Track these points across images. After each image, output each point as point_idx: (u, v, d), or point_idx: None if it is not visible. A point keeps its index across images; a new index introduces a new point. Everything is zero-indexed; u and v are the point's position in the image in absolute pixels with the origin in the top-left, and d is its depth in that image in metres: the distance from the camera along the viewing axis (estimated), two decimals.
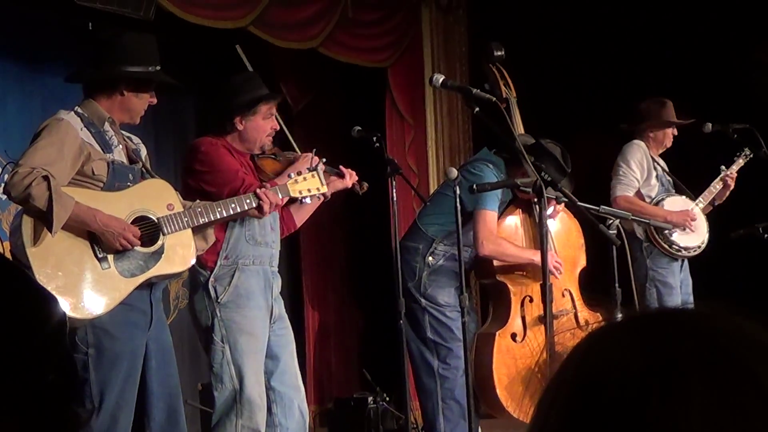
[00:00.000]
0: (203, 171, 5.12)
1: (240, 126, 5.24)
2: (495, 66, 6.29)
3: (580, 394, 0.95)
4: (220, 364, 5.12)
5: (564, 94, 8.57)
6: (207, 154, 5.15)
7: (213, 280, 5.14)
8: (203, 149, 5.18)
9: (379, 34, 8.48)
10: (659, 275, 7.13)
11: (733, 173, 7.39)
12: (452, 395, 5.88)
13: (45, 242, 4.28)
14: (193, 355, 7.82)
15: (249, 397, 5.09)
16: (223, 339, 5.12)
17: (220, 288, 5.14)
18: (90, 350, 4.39)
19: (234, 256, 5.18)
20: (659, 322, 0.99)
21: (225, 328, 5.12)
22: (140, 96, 4.62)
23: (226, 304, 5.14)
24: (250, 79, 5.36)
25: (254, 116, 5.25)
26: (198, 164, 5.15)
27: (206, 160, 5.14)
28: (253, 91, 5.26)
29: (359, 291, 8.89)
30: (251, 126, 5.25)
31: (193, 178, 5.15)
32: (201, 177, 5.11)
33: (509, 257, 6.03)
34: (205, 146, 5.19)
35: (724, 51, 8.39)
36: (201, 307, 5.18)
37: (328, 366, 8.71)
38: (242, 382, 5.09)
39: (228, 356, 5.11)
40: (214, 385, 5.16)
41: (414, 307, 5.93)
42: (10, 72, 6.74)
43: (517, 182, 5.51)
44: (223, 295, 5.13)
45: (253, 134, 5.27)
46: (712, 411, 0.90)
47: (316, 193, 5.09)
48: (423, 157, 8.86)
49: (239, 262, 5.18)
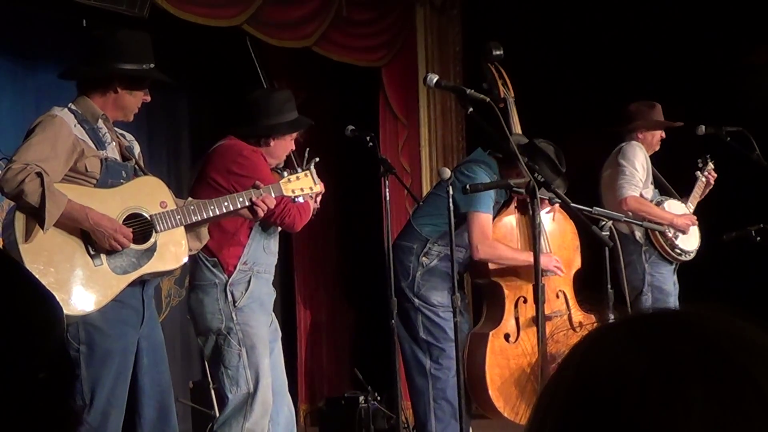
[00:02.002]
0: (242, 175, 5.17)
1: (272, 143, 5.36)
2: (493, 65, 6.28)
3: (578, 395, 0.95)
4: (237, 367, 5.16)
5: (556, 95, 8.57)
6: (249, 159, 5.23)
7: (231, 284, 5.20)
8: (245, 154, 5.25)
9: (373, 33, 8.49)
10: (656, 281, 7.11)
11: (711, 171, 7.39)
12: (444, 395, 5.89)
13: (37, 238, 4.27)
14: (185, 352, 7.83)
15: (263, 399, 5.16)
16: (240, 343, 5.17)
17: (237, 293, 5.21)
18: (81, 347, 4.38)
19: (251, 262, 5.27)
20: (659, 324, 0.99)
21: (242, 332, 5.18)
22: (134, 93, 4.62)
23: (242, 308, 5.20)
24: (289, 100, 5.49)
25: (285, 136, 5.40)
26: (238, 167, 5.21)
27: (248, 165, 5.21)
28: (291, 112, 5.42)
29: (351, 290, 8.90)
30: (281, 144, 5.40)
31: (228, 179, 5.19)
32: (239, 180, 5.14)
33: (505, 260, 6.02)
34: (247, 152, 5.27)
35: (716, 54, 8.40)
36: (213, 309, 5.22)
37: (320, 365, 8.71)
38: (257, 385, 5.15)
39: (245, 360, 5.16)
40: (228, 388, 5.18)
41: (407, 307, 5.93)
42: (3, 68, 6.74)
43: (510, 183, 5.51)
44: (241, 300, 5.20)
45: (279, 152, 5.41)
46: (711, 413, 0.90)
47: (309, 192, 5.10)
48: (416, 157, 8.87)
49: (254, 269, 5.28)
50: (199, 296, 5.28)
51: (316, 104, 8.59)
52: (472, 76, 7.32)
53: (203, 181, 5.26)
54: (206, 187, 5.16)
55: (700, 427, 0.90)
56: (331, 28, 7.94)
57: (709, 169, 7.40)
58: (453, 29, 9.18)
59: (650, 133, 7.30)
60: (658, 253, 7.12)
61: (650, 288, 7.09)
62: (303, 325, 8.57)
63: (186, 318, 7.52)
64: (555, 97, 8.50)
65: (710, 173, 7.40)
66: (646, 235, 7.11)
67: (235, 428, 5.14)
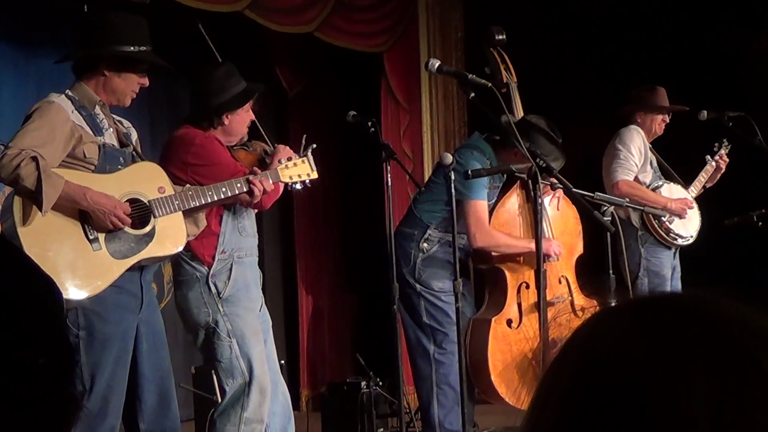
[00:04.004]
0: (199, 164, 5.06)
1: (226, 121, 5.20)
2: (496, 50, 6.26)
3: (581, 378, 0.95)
4: (229, 359, 5.11)
5: (559, 80, 8.56)
6: (203, 147, 5.10)
7: (212, 275, 5.12)
8: (198, 142, 5.11)
9: (375, 18, 8.46)
10: (652, 265, 7.11)
11: (723, 156, 7.38)
12: (447, 380, 5.88)
13: (36, 222, 4.26)
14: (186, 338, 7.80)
15: (260, 388, 5.11)
16: (230, 334, 5.10)
17: (220, 283, 5.12)
18: (81, 332, 4.38)
19: (230, 249, 5.16)
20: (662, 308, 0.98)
21: (230, 323, 5.10)
22: (123, 76, 4.55)
23: (228, 298, 5.12)
24: (232, 72, 5.28)
25: (239, 110, 5.23)
26: (192, 157, 5.08)
27: (202, 153, 5.09)
28: (238, 85, 5.22)
29: (353, 276, 8.89)
30: (236, 119, 5.22)
31: (186, 171, 5.05)
32: (196, 170, 5.04)
33: (504, 248, 6.02)
34: (200, 139, 5.12)
35: (719, 39, 8.37)
36: (199, 303, 5.13)
37: (322, 350, 8.71)
38: (252, 373, 5.10)
39: (236, 350, 5.10)
40: (224, 381, 5.13)
41: (409, 293, 5.93)
42: (4, 54, 6.72)
43: (513, 168, 5.50)
44: (225, 290, 5.11)
45: (237, 127, 5.26)
46: (714, 396, 0.90)
47: (306, 178, 5.09)
48: (418, 143, 8.85)
49: (235, 255, 5.17)
50: (183, 292, 5.19)
51: (318, 90, 8.60)
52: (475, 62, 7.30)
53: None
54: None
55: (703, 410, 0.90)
56: (333, 13, 7.91)
57: (721, 153, 7.38)
58: (455, 14, 9.16)
59: (649, 117, 7.28)
60: (654, 238, 7.11)
61: (646, 273, 7.07)
62: (305, 310, 8.57)
63: None
64: (558, 83, 8.48)
65: (722, 158, 7.37)
66: (641, 220, 7.10)
67: (233, 419, 5.11)
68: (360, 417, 6.93)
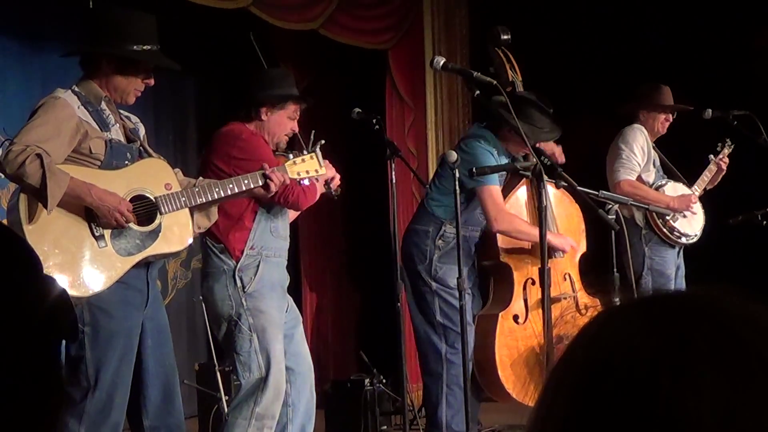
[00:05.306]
0: (242, 158, 5.12)
1: (264, 117, 5.28)
2: (500, 50, 6.26)
3: (589, 375, 0.95)
4: (248, 352, 5.15)
5: (564, 79, 8.55)
6: (248, 142, 5.18)
7: (239, 270, 5.17)
8: (244, 137, 5.20)
9: (380, 15, 8.46)
10: (656, 264, 7.10)
11: (724, 157, 7.37)
12: (458, 381, 5.82)
13: (41, 220, 4.26)
14: (190, 334, 7.84)
15: (275, 384, 5.15)
16: (251, 328, 5.16)
17: (246, 278, 5.18)
18: (86, 328, 4.37)
19: (259, 247, 5.23)
20: (669, 305, 0.98)
21: (252, 317, 5.16)
22: (126, 75, 4.54)
23: (252, 293, 5.18)
24: (287, 76, 5.43)
25: (280, 111, 5.30)
26: (237, 151, 5.16)
27: (247, 148, 5.16)
28: (287, 88, 5.33)
29: (357, 273, 8.90)
30: (275, 120, 5.30)
31: (229, 164, 5.14)
32: (239, 164, 5.09)
33: (523, 234, 6.00)
34: (246, 134, 5.21)
35: (724, 37, 8.37)
36: (223, 296, 5.20)
37: (325, 348, 8.72)
38: (269, 370, 5.14)
39: (256, 345, 5.14)
40: (241, 374, 5.18)
41: (424, 291, 5.94)
42: (10, 50, 6.73)
43: (517, 166, 5.50)
44: (250, 285, 5.18)
45: (275, 128, 5.31)
46: (722, 394, 0.90)
47: (315, 174, 5.10)
48: (422, 140, 8.85)
49: (263, 254, 5.24)
50: (209, 283, 5.27)
51: (323, 87, 8.59)
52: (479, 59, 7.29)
53: (207, 168, 5.22)
54: (210, 174, 5.09)
55: (711, 408, 0.90)
56: (338, 10, 7.91)
57: (723, 154, 7.36)
58: (460, 12, 9.15)
59: (652, 115, 7.26)
60: (657, 237, 7.11)
61: (650, 272, 7.06)
62: (309, 307, 8.58)
63: (192, 300, 7.55)
64: (563, 81, 8.47)
65: (723, 159, 7.36)
66: (645, 219, 7.09)
67: (245, 412, 5.14)
68: (363, 414, 6.93)
